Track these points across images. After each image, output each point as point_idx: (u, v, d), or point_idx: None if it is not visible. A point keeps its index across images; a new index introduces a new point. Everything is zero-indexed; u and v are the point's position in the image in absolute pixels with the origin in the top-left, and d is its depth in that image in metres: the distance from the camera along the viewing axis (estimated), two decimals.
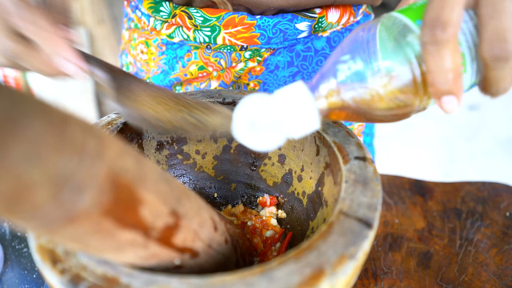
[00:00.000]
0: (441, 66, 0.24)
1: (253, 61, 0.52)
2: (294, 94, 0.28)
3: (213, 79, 0.54)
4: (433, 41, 0.24)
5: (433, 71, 0.24)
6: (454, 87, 0.24)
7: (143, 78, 0.57)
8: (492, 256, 0.46)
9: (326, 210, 0.35)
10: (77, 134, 0.17)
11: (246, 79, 0.54)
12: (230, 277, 0.22)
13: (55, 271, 0.23)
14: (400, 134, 1.85)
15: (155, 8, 0.50)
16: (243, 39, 0.49)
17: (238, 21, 0.48)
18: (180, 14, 0.49)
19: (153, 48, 0.54)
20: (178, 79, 0.54)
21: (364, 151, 0.32)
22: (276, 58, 0.52)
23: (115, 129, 0.36)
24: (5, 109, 0.14)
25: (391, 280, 0.44)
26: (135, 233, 0.21)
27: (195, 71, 0.53)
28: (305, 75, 0.54)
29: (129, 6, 0.57)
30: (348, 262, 0.23)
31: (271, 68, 0.52)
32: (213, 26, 0.48)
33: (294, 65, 0.52)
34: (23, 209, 0.15)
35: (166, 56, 0.54)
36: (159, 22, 0.51)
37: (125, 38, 0.60)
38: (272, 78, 0.53)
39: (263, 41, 0.49)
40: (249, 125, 0.28)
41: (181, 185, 0.27)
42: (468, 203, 0.53)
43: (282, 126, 0.28)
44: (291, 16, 0.48)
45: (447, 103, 0.25)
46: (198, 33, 0.49)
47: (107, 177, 0.18)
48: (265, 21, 0.48)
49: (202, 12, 0.48)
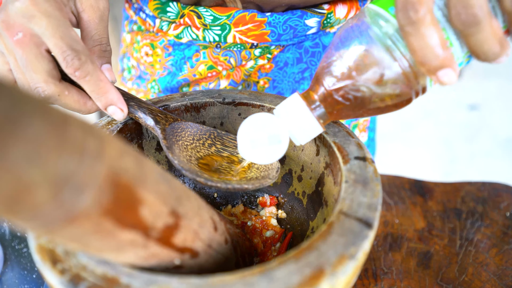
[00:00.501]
0: (425, 43, 0.24)
1: (263, 58, 0.51)
2: (292, 106, 0.31)
3: (222, 78, 0.54)
4: (409, 23, 0.24)
5: (418, 50, 0.25)
6: (445, 60, 0.25)
7: (147, 81, 0.57)
8: (492, 256, 0.46)
9: (326, 210, 0.35)
10: (77, 134, 0.17)
11: (256, 77, 0.53)
12: (230, 277, 0.22)
13: (55, 271, 0.23)
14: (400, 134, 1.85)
15: (161, 9, 0.50)
16: (253, 37, 0.49)
17: (248, 19, 0.47)
18: (189, 14, 0.48)
19: (159, 49, 0.54)
20: (186, 80, 0.54)
21: (364, 151, 0.32)
22: (285, 55, 0.52)
23: (115, 129, 0.36)
24: (5, 109, 0.14)
25: (391, 280, 0.44)
26: (135, 233, 0.21)
27: (204, 71, 0.53)
28: (314, 71, 0.54)
29: (131, 9, 0.56)
30: (348, 262, 0.23)
31: (281, 65, 0.52)
32: (223, 24, 0.48)
33: (303, 62, 0.53)
34: (23, 209, 0.15)
35: (173, 57, 0.53)
36: (166, 23, 0.51)
37: (126, 41, 0.59)
38: (282, 75, 0.53)
39: (274, 38, 0.49)
40: (251, 143, 0.31)
41: (181, 185, 0.27)
42: (468, 203, 0.53)
43: (282, 139, 0.31)
44: (300, 13, 0.48)
45: (444, 76, 0.25)
46: (208, 33, 0.49)
47: (107, 177, 0.18)
48: (276, 18, 0.48)
49: (212, 11, 0.47)
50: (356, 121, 0.60)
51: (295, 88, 0.54)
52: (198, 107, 0.41)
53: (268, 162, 0.32)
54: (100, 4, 0.35)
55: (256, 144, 0.31)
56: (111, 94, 0.33)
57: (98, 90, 0.32)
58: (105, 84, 0.33)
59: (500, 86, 2.08)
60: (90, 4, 0.35)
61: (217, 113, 0.42)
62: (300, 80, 0.54)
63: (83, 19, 0.35)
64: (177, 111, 0.40)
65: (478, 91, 2.03)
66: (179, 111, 0.41)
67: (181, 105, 0.40)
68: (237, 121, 0.42)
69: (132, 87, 0.60)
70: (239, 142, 0.31)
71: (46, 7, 0.31)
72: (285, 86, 0.54)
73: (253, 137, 0.31)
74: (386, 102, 0.29)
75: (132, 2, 0.55)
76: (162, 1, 0.49)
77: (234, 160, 0.37)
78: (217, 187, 0.31)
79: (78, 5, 0.35)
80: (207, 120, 0.42)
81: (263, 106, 0.40)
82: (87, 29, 0.35)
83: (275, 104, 0.40)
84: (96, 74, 0.32)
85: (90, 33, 0.35)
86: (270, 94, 0.42)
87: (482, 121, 1.90)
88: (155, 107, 0.37)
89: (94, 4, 0.35)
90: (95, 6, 0.35)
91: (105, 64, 0.36)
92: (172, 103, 0.40)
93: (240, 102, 0.41)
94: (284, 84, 0.54)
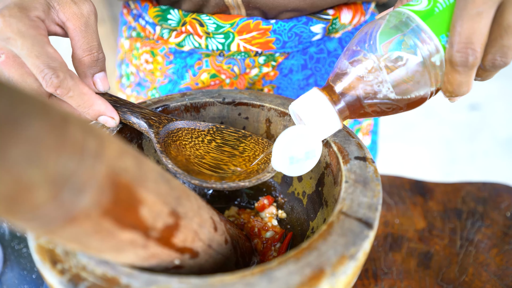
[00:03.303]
0: (465, 82, 0.28)
1: (267, 66, 0.51)
2: (312, 101, 0.31)
3: (225, 86, 0.53)
4: (464, 65, 0.27)
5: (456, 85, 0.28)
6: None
7: (148, 88, 0.56)
8: (493, 256, 0.46)
9: (326, 210, 0.35)
10: (77, 133, 0.17)
11: (260, 84, 0.53)
12: (230, 277, 0.22)
13: (54, 271, 0.23)
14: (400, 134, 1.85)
15: (162, 16, 0.48)
16: (258, 45, 0.48)
17: (253, 27, 0.47)
18: (191, 22, 0.47)
19: (160, 57, 0.53)
20: (189, 88, 0.53)
21: (364, 151, 0.32)
22: (289, 61, 0.51)
23: (114, 129, 0.36)
24: (5, 109, 0.14)
25: (391, 281, 0.44)
26: (135, 233, 0.21)
27: (207, 79, 0.52)
28: (318, 77, 0.53)
29: (129, 15, 0.55)
30: (348, 262, 0.23)
31: (285, 72, 0.52)
32: (227, 33, 0.47)
33: (307, 68, 0.52)
34: (23, 210, 0.15)
35: (175, 65, 0.52)
36: (167, 30, 0.50)
37: (124, 47, 0.58)
38: (286, 82, 0.52)
39: (279, 45, 0.48)
40: (289, 160, 0.31)
41: (181, 185, 0.27)
42: (468, 203, 0.53)
43: (317, 153, 0.32)
44: (306, 19, 0.48)
45: (455, 100, 0.30)
46: (211, 41, 0.48)
47: (107, 177, 0.18)
48: (281, 25, 0.47)
49: (215, 18, 0.46)
50: (359, 125, 0.60)
51: (299, 94, 0.54)
52: (198, 107, 0.41)
53: (300, 174, 0.32)
54: (84, 10, 0.34)
55: (294, 160, 0.31)
56: (97, 105, 0.33)
57: (83, 104, 0.32)
58: (89, 97, 0.32)
59: (500, 86, 2.08)
60: (73, 12, 0.33)
61: (217, 113, 0.42)
62: (304, 87, 0.53)
63: (69, 28, 0.34)
64: (177, 111, 0.40)
65: (479, 91, 2.03)
66: (179, 111, 0.41)
67: (181, 105, 0.40)
68: (237, 121, 0.42)
69: (131, 94, 0.59)
70: (276, 157, 0.31)
71: (19, 26, 0.30)
72: (289, 93, 0.53)
73: (292, 154, 0.31)
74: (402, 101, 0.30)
75: (131, 8, 0.54)
76: (163, 8, 0.48)
77: (235, 154, 0.37)
78: (212, 187, 0.31)
79: (61, 15, 0.33)
80: (207, 120, 0.42)
81: (263, 106, 0.40)
82: (74, 38, 0.34)
83: (275, 104, 0.40)
84: (78, 89, 0.31)
85: (78, 42, 0.34)
86: (270, 94, 0.42)
87: (483, 121, 1.90)
88: (149, 110, 0.37)
89: (77, 11, 0.33)
90: (78, 13, 0.34)
91: (98, 73, 0.35)
92: (172, 103, 0.40)
93: (240, 102, 0.41)
94: (289, 91, 0.53)
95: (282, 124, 0.40)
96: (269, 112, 0.40)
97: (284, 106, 0.39)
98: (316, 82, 0.54)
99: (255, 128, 0.42)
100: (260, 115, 0.41)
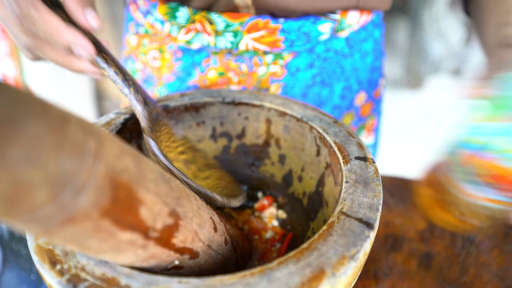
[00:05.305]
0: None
1: (275, 64, 0.51)
2: None
3: (233, 84, 0.53)
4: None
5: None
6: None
7: (154, 85, 0.56)
8: (494, 257, 0.46)
9: (327, 211, 0.35)
10: (77, 133, 0.17)
11: (267, 83, 0.53)
12: (230, 277, 0.22)
13: (54, 272, 0.22)
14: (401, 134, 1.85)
15: (171, 13, 0.49)
16: (266, 44, 0.48)
17: (262, 26, 0.47)
18: (200, 19, 0.48)
19: (168, 54, 0.53)
20: (196, 86, 0.53)
21: (365, 151, 0.32)
22: (297, 60, 0.51)
23: (114, 129, 0.36)
24: (5, 109, 0.14)
25: (392, 281, 0.44)
26: (135, 233, 0.21)
27: (215, 77, 0.52)
28: (325, 76, 0.53)
29: (138, 11, 0.55)
30: (348, 262, 0.23)
31: (292, 71, 0.52)
32: (236, 31, 0.47)
33: (314, 67, 0.52)
34: (22, 210, 0.15)
35: (182, 62, 0.52)
36: (176, 27, 0.50)
37: (131, 44, 0.58)
38: (294, 80, 0.53)
39: (287, 44, 0.49)
40: None
41: (180, 185, 0.26)
42: None
43: None
44: (314, 19, 0.48)
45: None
46: (220, 39, 0.48)
47: (107, 177, 0.18)
48: (289, 24, 0.47)
49: (224, 17, 0.47)
50: (363, 123, 0.60)
51: (306, 92, 0.54)
52: (198, 107, 0.41)
53: None
54: None
55: None
56: (66, 35, 0.32)
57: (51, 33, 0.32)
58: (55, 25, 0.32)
59: None
60: None
61: (216, 112, 0.42)
62: (311, 85, 0.54)
63: None
64: (176, 111, 0.40)
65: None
66: (179, 111, 0.40)
67: (181, 104, 0.40)
68: (237, 120, 0.42)
69: None
70: None
71: None
72: (296, 92, 0.53)
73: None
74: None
75: (139, 4, 0.54)
76: (172, 6, 0.49)
77: (199, 176, 0.37)
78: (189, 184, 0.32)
79: None
80: (206, 120, 0.42)
81: (263, 106, 0.40)
82: None
83: (275, 104, 0.40)
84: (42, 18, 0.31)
85: None
86: (270, 94, 0.42)
87: None
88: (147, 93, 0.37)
89: None
90: None
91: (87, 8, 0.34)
92: (172, 103, 0.40)
93: (240, 102, 0.41)
94: (296, 90, 0.53)
95: (282, 124, 0.40)
96: (269, 112, 0.40)
97: (284, 106, 0.39)
98: (323, 80, 0.54)
99: (255, 128, 0.42)
100: (260, 115, 0.41)
